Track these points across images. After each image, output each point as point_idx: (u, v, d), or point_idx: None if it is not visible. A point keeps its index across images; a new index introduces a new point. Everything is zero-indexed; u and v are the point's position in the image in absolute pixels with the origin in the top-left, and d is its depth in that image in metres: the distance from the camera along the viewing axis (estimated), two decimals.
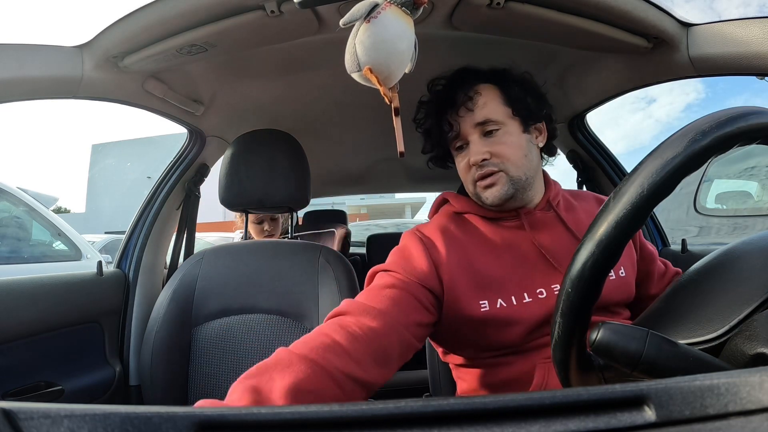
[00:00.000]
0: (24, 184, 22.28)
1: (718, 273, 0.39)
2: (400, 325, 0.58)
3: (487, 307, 0.64)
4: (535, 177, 0.72)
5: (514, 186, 0.69)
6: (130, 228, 1.17)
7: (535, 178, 0.72)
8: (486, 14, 0.73)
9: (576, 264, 0.35)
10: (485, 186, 0.70)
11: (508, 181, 0.68)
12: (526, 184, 0.70)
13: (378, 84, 0.49)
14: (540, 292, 0.65)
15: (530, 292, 0.65)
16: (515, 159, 0.69)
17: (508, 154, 0.69)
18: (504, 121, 0.70)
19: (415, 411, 0.22)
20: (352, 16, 0.49)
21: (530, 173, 0.70)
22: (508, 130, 0.70)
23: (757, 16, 0.66)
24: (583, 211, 0.76)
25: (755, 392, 0.22)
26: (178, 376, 0.90)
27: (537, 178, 0.73)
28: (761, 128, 0.32)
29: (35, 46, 0.72)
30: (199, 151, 1.24)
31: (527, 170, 0.70)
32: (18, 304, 0.84)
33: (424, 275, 0.65)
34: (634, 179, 0.33)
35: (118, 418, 0.20)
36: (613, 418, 0.22)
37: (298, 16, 0.73)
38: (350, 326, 0.55)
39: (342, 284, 0.90)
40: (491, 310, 0.64)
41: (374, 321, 0.56)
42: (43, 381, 0.86)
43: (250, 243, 1.01)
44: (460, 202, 0.76)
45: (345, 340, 0.53)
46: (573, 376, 0.37)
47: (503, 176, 0.69)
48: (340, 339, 0.53)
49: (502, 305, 0.64)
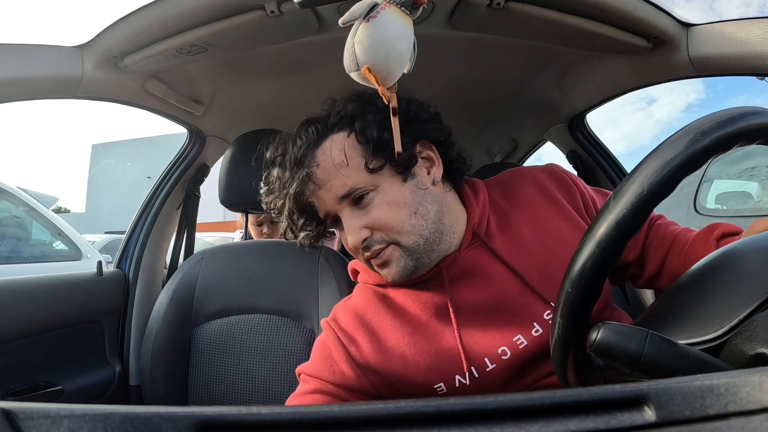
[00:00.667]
0: (24, 184, 22.29)
1: (718, 273, 0.39)
2: None
3: (444, 389, 0.54)
4: (441, 226, 0.57)
5: (413, 257, 0.55)
6: (130, 228, 1.17)
7: (442, 227, 0.57)
8: (486, 14, 0.73)
9: (576, 264, 0.35)
10: (379, 265, 0.56)
11: (404, 254, 0.55)
12: (430, 245, 0.56)
13: (376, 84, 0.49)
14: (503, 352, 0.54)
15: (491, 357, 0.54)
16: (401, 225, 0.54)
17: (389, 221, 0.54)
18: (365, 185, 0.55)
19: (415, 411, 0.22)
20: (351, 16, 0.49)
21: (430, 230, 0.56)
22: (381, 189, 0.55)
23: (757, 17, 0.66)
24: (522, 215, 0.61)
25: (755, 392, 0.22)
26: (178, 376, 0.90)
27: (446, 222, 0.58)
28: (761, 128, 0.32)
29: (35, 46, 0.72)
30: (199, 151, 1.24)
31: (423, 230, 0.55)
32: (18, 304, 0.84)
33: (350, 380, 0.55)
34: (634, 179, 0.33)
35: (118, 418, 0.20)
36: (613, 418, 0.22)
37: (298, 16, 0.73)
38: None
39: (342, 284, 0.90)
40: (452, 391, 0.54)
41: None
42: (43, 381, 0.86)
43: (250, 243, 1.01)
44: (372, 275, 0.62)
45: None
46: (573, 376, 0.37)
47: (396, 250, 0.55)
48: None
49: (462, 382, 0.54)
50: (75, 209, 21.77)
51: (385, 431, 0.22)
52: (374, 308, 0.60)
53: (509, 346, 0.54)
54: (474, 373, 0.53)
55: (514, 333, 0.54)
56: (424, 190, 0.57)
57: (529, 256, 0.58)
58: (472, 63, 1.01)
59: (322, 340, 0.60)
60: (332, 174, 0.55)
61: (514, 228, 0.60)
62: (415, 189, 0.56)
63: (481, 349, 0.54)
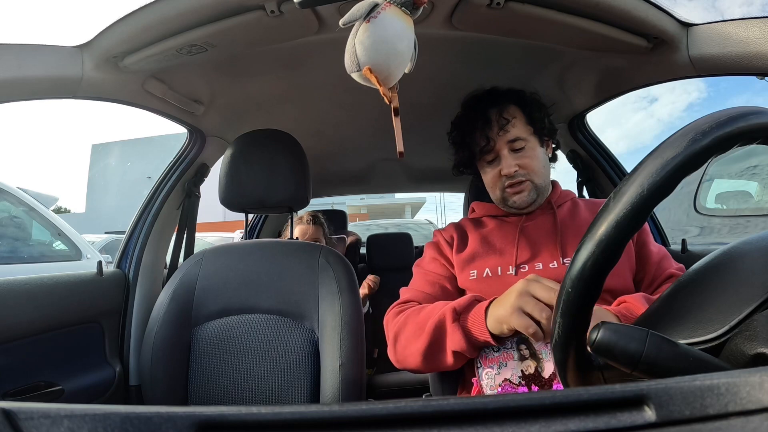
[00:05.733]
0: (24, 184, 22.28)
1: (718, 273, 0.39)
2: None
3: (475, 276, 0.81)
4: (548, 183, 0.87)
5: (537, 192, 0.83)
6: (130, 228, 1.17)
7: (548, 184, 0.87)
8: (486, 14, 0.73)
9: (576, 264, 0.35)
10: (514, 192, 0.83)
11: (533, 188, 0.83)
12: (545, 190, 0.85)
13: (378, 84, 0.49)
14: (538, 267, 0.79)
15: (530, 266, 0.79)
16: (538, 170, 0.83)
17: (533, 166, 0.82)
18: (528, 138, 0.83)
19: (415, 411, 0.22)
20: (351, 16, 0.49)
21: (548, 180, 0.86)
22: (531, 146, 0.83)
23: (757, 16, 0.66)
24: (585, 213, 0.85)
25: (755, 392, 0.22)
26: (178, 376, 0.90)
27: (548, 183, 0.87)
28: (761, 128, 0.32)
29: (35, 46, 0.72)
30: (199, 151, 1.24)
31: (545, 178, 0.85)
32: (18, 304, 0.84)
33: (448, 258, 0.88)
34: (634, 179, 0.33)
35: (118, 418, 0.20)
36: (613, 418, 0.22)
37: (298, 16, 0.73)
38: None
39: (342, 284, 0.90)
40: (478, 278, 0.81)
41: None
42: (43, 381, 0.86)
43: (250, 243, 1.01)
44: (485, 207, 0.93)
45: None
46: (573, 376, 0.37)
47: (529, 184, 0.83)
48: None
49: (488, 275, 0.80)
50: (75, 209, 21.76)
51: (385, 431, 0.22)
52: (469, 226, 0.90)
53: (543, 263, 0.79)
54: (498, 272, 0.80)
55: (546, 261, 0.79)
56: (547, 157, 0.88)
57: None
58: (472, 63, 1.01)
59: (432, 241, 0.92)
60: (510, 125, 0.83)
61: (578, 214, 0.85)
62: (544, 154, 0.87)
63: (524, 259, 0.80)
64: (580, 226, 0.82)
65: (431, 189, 2.45)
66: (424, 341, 0.71)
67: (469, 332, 0.67)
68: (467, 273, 0.82)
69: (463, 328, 0.68)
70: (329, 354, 0.85)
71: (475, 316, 0.67)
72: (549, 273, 0.76)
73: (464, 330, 0.67)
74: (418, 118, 1.30)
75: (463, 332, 0.67)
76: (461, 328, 0.68)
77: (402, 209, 20.09)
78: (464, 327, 0.67)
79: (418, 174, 2.08)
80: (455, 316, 0.69)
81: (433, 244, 0.91)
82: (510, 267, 0.79)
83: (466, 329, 0.67)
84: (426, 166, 1.93)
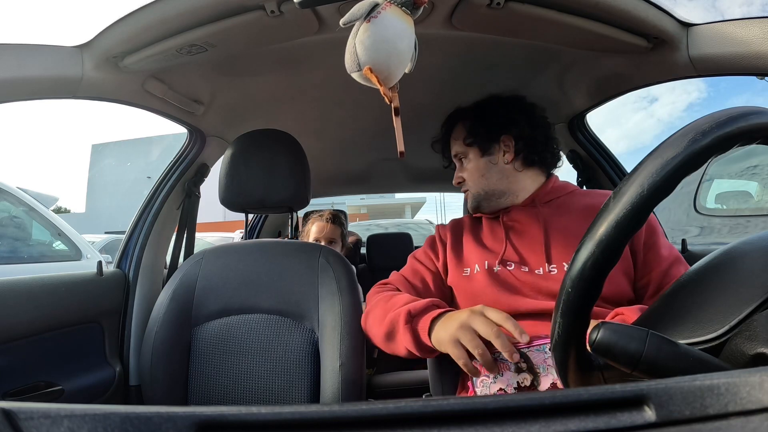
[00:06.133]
0: (24, 184, 22.28)
1: (718, 273, 0.39)
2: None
3: (468, 273, 0.84)
4: (501, 187, 0.88)
5: (476, 199, 0.90)
6: (130, 228, 1.17)
7: (504, 187, 0.88)
8: (486, 14, 0.73)
9: (576, 264, 0.35)
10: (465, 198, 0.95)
11: (472, 196, 0.91)
12: (489, 196, 0.89)
13: (378, 84, 0.49)
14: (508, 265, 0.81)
15: (515, 264, 0.80)
16: (475, 179, 0.90)
17: (469, 177, 0.91)
18: (465, 150, 0.91)
19: (415, 411, 0.22)
20: (352, 16, 0.49)
21: (491, 187, 0.88)
22: (470, 158, 0.91)
23: (757, 16, 0.66)
24: (578, 206, 0.84)
25: (755, 392, 0.22)
26: (178, 376, 0.90)
27: (509, 185, 0.88)
28: (761, 128, 0.32)
29: (35, 46, 0.72)
30: (199, 151, 1.24)
31: (486, 185, 0.89)
32: (18, 304, 0.84)
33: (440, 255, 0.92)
34: (634, 179, 0.33)
35: (118, 418, 0.20)
36: (613, 418, 0.22)
37: (298, 16, 0.73)
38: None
39: (342, 284, 0.90)
40: (470, 275, 0.83)
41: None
42: (43, 381, 0.86)
43: (250, 243, 1.01)
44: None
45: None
46: (573, 376, 0.37)
47: (469, 193, 0.91)
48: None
49: (478, 271, 0.83)
50: (75, 209, 21.77)
51: (385, 431, 0.22)
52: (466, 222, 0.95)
53: (530, 267, 0.80)
54: (501, 266, 0.81)
55: (537, 264, 0.79)
56: (494, 165, 0.89)
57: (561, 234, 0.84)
58: (472, 63, 1.01)
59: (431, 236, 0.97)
60: (453, 141, 0.95)
61: (568, 209, 0.84)
62: (488, 163, 0.89)
63: (511, 257, 0.82)
64: (566, 227, 0.81)
65: (431, 189, 2.45)
66: (383, 330, 0.74)
67: (417, 337, 0.68)
68: (461, 270, 0.84)
69: (413, 331, 0.69)
70: (329, 354, 0.85)
71: (424, 325, 0.67)
72: (535, 278, 0.77)
73: (414, 334, 0.68)
74: (418, 118, 1.30)
75: (413, 336, 0.68)
76: (411, 332, 0.69)
77: (402, 209, 20.10)
78: (414, 331, 0.68)
79: (418, 174, 2.08)
80: (408, 318, 0.70)
81: (430, 239, 0.96)
82: (496, 263, 0.81)
83: (416, 334, 0.68)
84: (426, 166, 1.93)
